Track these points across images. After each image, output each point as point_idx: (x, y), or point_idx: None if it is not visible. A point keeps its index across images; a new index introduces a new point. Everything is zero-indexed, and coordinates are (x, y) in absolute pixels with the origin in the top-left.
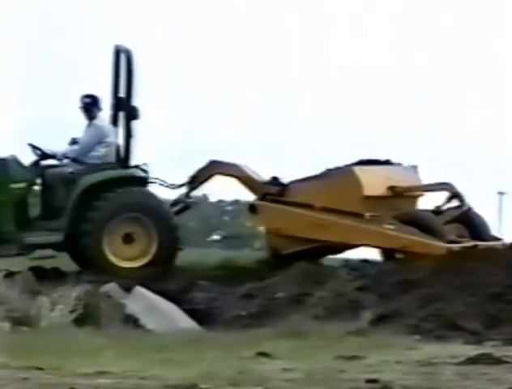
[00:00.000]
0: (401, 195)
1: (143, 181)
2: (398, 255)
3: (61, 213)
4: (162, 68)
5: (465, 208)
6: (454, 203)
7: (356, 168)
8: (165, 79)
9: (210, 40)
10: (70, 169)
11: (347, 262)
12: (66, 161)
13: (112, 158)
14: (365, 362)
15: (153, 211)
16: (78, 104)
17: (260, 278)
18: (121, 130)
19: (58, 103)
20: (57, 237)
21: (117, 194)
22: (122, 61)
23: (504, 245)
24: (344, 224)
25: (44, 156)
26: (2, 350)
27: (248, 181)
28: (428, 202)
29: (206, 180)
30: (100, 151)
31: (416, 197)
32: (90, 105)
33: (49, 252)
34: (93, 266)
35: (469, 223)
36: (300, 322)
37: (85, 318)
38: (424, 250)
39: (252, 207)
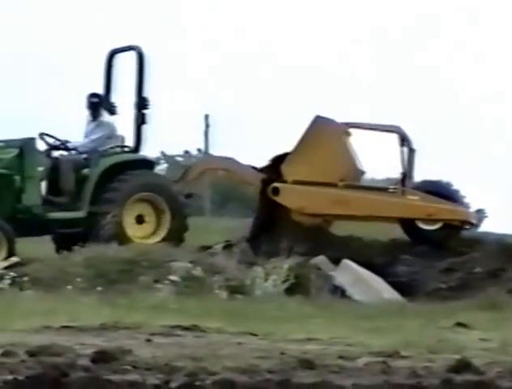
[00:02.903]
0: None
1: (152, 165)
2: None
3: (77, 195)
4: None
5: (412, 148)
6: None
7: (317, 115)
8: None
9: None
10: (83, 155)
11: None
12: (73, 152)
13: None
14: None
15: (166, 190)
16: (84, 103)
17: (459, 253)
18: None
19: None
20: (79, 214)
21: (132, 175)
22: (134, 59)
23: None
24: (369, 198)
25: (61, 145)
26: (219, 316)
27: (242, 172)
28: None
29: (198, 176)
30: (109, 144)
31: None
32: (97, 104)
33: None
34: (112, 241)
35: (445, 192)
36: (496, 295)
37: (296, 287)
38: (450, 216)
39: (275, 190)
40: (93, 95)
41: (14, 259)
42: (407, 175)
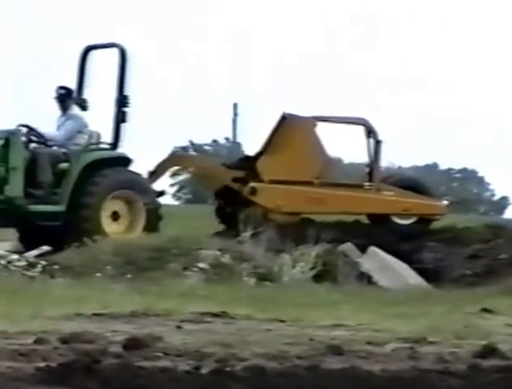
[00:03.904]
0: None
1: (129, 162)
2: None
3: (55, 189)
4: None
5: (378, 140)
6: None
7: (285, 113)
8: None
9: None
10: (62, 150)
11: None
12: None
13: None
14: None
15: (142, 187)
16: (53, 94)
17: (485, 240)
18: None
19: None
20: (59, 207)
21: (111, 172)
22: (116, 56)
23: None
24: (345, 195)
25: (38, 138)
26: (248, 303)
27: (212, 170)
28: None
29: (165, 173)
30: (82, 139)
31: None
32: (65, 96)
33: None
34: (90, 236)
35: (412, 185)
36: None
37: (323, 274)
38: (426, 210)
39: (252, 190)
40: (61, 87)
41: (44, 248)
42: (374, 167)
